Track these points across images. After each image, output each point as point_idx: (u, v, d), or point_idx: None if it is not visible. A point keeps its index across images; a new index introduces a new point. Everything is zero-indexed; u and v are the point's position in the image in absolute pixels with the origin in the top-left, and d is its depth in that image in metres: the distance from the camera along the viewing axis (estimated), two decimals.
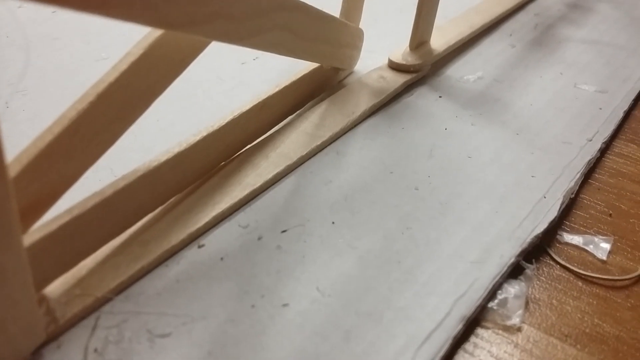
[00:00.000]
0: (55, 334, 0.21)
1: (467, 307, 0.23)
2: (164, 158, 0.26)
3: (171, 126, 0.34)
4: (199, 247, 0.26)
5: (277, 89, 0.33)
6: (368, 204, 0.29)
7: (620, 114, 0.37)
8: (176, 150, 0.26)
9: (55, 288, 0.23)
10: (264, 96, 0.32)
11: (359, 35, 0.38)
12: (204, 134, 0.28)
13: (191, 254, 0.25)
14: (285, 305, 0.23)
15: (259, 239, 0.26)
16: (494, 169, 0.31)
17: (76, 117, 0.21)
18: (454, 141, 0.34)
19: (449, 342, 0.22)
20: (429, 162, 0.32)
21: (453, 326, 0.23)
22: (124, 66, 0.22)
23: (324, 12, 0.32)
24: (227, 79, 0.39)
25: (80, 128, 0.21)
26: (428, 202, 0.29)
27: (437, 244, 0.26)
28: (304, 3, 0.29)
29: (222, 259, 0.25)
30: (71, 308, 0.22)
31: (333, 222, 0.27)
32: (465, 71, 0.41)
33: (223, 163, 0.30)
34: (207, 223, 0.27)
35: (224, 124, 0.29)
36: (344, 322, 0.23)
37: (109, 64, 0.23)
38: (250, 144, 0.32)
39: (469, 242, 0.27)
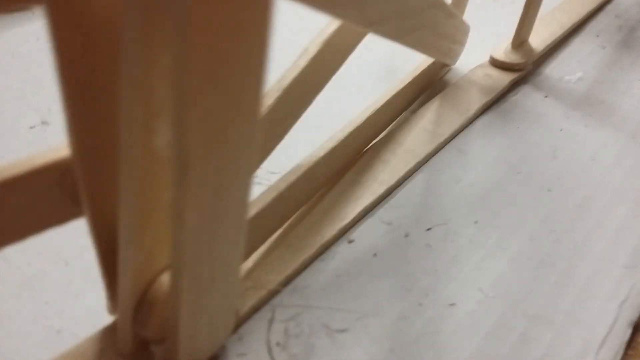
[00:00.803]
0: (235, 326, 0.21)
1: (632, 312, 0.23)
2: (320, 153, 0.25)
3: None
4: (349, 242, 0.26)
5: (401, 85, 0.32)
6: (504, 204, 0.28)
7: None
8: (329, 145, 0.26)
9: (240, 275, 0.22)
10: (391, 92, 0.31)
11: (465, 30, 0.38)
12: (350, 129, 0.28)
13: (343, 249, 0.25)
14: (452, 305, 0.23)
15: (406, 236, 0.26)
16: (619, 172, 0.31)
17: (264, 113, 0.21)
18: (572, 142, 0.33)
19: (623, 347, 0.22)
20: (553, 163, 0.31)
21: (623, 331, 0.23)
22: (303, 62, 0.22)
23: (452, 9, 0.31)
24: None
25: (264, 123, 0.21)
26: (564, 205, 0.29)
27: (585, 247, 0.26)
28: (443, 1, 0.29)
29: (374, 255, 0.25)
30: (247, 300, 0.22)
31: (476, 222, 0.27)
32: (563, 71, 0.41)
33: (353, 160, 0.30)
34: (353, 219, 0.26)
35: (364, 119, 0.28)
36: (515, 324, 0.23)
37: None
38: (375, 139, 0.31)
39: (615, 245, 0.27)
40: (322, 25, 0.23)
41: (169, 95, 0.14)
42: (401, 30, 0.24)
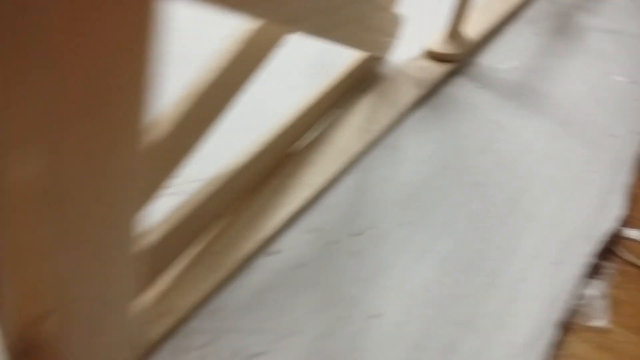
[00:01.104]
0: (144, 356, 0.20)
1: (556, 312, 0.23)
2: (242, 160, 0.24)
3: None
4: (275, 253, 0.25)
5: (331, 81, 0.31)
6: (434, 202, 0.28)
7: None
8: (253, 151, 0.25)
9: (139, 305, 0.21)
10: (318, 92, 0.30)
11: (397, 22, 0.37)
12: (276, 131, 0.27)
13: (268, 262, 0.24)
14: (378, 315, 0.22)
15: (335, 243, 0.25)
16: (551, 162, 0.31)
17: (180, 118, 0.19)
18: (505, 134, 0.33)
19: (550, 348, 0.22)
20: (486, 156, 0.31)
21: (548, 331, 0.22)
22: (218, 64, 0.21)
23: (381, 1, 0.30)
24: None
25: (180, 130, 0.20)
26: (494, 200, 0.28)
27: (514, 244, 0.26)
28: None
29: (300, 266, 0.24)
30: (158, 328, 0.21)
31: (405, 224, 0.27)
32: (497, 60, 0.40)
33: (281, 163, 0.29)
34: (278, 228, 0.25)
35: (292, 119, 0.27)
36: (441, 333, 0.22)
37: None
38: (304, 140, 0.30)
39: (544, 241, 0.26)
40: (228, 33, 0.22)
41: (37, 123, 0.12)
42: (325, 27, 0.23)
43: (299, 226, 0.26)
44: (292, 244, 0.25)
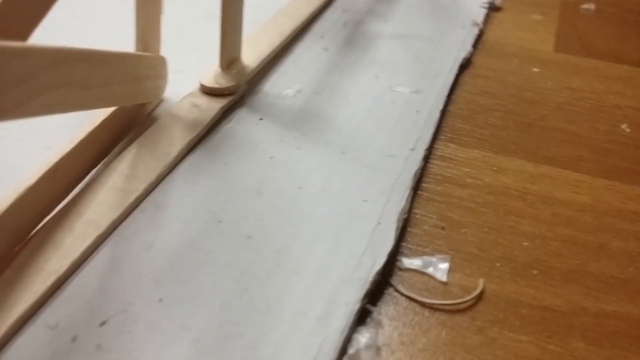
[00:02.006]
0: None
1: None
2: None
3: None
4: None
5: (71, 145, 0.28)
6: (197, 267, 0.26)
7: (437, 114, 0.38)
8: None
9: None
10: (55, 158, 0.27)
11: (160, 63, 0.34)
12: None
13: None
14: None
15: (73, 340, 0.22)
16: (325, 199, 0.30)
17: None
18: (281, 171, 0.31)
19: None
20: (259, 202, 0.29)
21: None
22: None
23: (110, 52, 0.27)
24: (13, 128, 0.33)
25: None
26: (263, 252, 0.27)
27: (278, 303, 0.24)
28: (82, 50, 0.25)
29: None
30: None
31: (160, 300, 0.24)
32: (283, 85, 0.39)
33: (17, 248, 0.25)
34: (5, 334, 0.22)
35: (6, 207, 0.24)
36: None
37: None
38: (47, 216, 0.27)
39: (311, 294, 0.25)
40: None
41: None
42: (79, 102, 0.20)
43: (32, 327, 0.23)
44: (20, 351, 0.22)
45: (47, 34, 0.27)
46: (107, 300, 0.24)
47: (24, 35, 0.26)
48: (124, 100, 0.31)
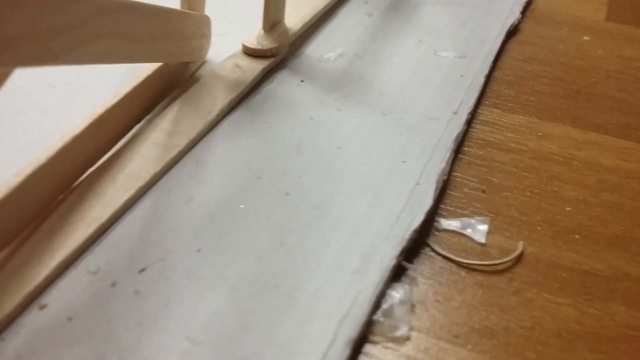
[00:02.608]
0: None
1: (352, 328, 0.22)
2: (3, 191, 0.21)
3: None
4: (41, 308, 0.22)
5: (116, 99, 0.29)
6: (237, 220, 0.26)
7: (482, 79, 0.37)
8: (16, 181, 0.22)
9: None
10: (100, 110, 0.28)
11: (205, 23, 0.35)
12: (29, 170, 0.23)
13: (32, 319, 0.22)
14: None
15: (113, 285, 0.23)
16: (366, 158, 0.30)
17: None
18: (321, 132, 0.31)
19: None
20: (298, 160, 0.29)
21: (339, 353, 0.21)
22: None
23: (159, 7, 0.28)
24: (60, 85, 0.34)
25: None
26: (301, 208, 0.27)
27: (315, 256, 0.24)
28: (131, 1, 0.25)
29: (69, 319, 0.22)
30: None
31: (199, 250, 0.24)
32: (325, 49, 0.39)
33: (61, 197, 0.26)
34: (47, 277, 0.23)
35: (52, 154, 0.24)
36: None
37: None
38: (91, 167, 0.27)
39: (348, 249, 0.25)
40: None
41: None
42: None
43: (73, 272, 0.23)
44: (63, 293, 0.22)
45: None
46: (146, 248, 0.24)
47: None
48: (169, 57, 0.31)
